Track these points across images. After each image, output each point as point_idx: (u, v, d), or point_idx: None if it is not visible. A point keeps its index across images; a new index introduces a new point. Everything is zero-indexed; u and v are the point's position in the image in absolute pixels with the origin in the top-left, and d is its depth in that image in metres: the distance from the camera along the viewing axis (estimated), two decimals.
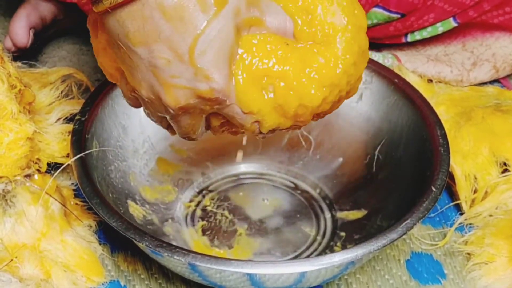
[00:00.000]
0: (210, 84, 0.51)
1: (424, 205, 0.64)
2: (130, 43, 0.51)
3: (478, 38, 0.96)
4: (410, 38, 0.98)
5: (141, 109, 0.59)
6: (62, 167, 0.67)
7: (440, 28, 0.95)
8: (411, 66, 0.95)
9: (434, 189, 0.66)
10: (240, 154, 0.74)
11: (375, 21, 0.95)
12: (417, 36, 0.97)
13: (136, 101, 0.59)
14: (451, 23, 0.94)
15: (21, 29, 0.92)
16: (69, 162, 0.67)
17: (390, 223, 0.64)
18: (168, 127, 0.60)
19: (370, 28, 0.96)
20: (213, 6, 0.50)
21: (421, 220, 0.63)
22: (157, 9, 0.49)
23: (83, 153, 0.67)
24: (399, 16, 0.94)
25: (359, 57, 0.57)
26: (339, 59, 0.55)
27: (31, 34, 0.93)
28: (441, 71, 0.95)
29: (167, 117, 0.56)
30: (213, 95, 0.52)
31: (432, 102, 0.80)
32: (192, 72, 0.51)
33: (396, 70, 0.91)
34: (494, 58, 0.95)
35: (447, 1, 0.91)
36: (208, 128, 0.60)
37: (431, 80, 0.93)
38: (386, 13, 0.93)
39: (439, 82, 0.94)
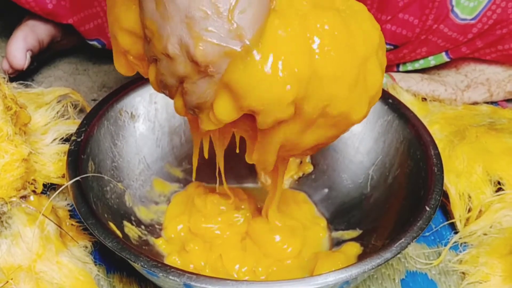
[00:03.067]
0: (242, 42, 0.52)
1: (418, 224, 0.64)
2: None
3: (471, 63, 0.97)
4: (402, 69, 0.99)
5: (136, 131, 0.59)
6: (60, 190, 0.67)
7: (432, 61, 0.96)
8: (405, 84, 0.96)
9: (428, 208, 0.66)
10: None
11: None
12: (409, 67, 0.98)
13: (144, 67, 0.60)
14: (444, 57, 0.95)
15: (18, 51, 0.92)
16: (66, 184, 0.67)
17: (385, 243, 0.65)
18: (176, 97, 0.59)
19: None
20: None
21: (416, 239, 0.63)
22: None
23: (80, 176, 0.67)
24: (391, 47, 0.95)
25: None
26: None
27: (28, 56, 0.93)
28: (435, 89, 0.95)
29: (185, 80, 0.55)
30: (241, 54, 0.52)
31: (426, 121, 0.81)
32: (227, 29, 0.51)
33: (390, 89, 0.91)
34: (488, 83, 0.96)
35: (441, 36, 0.92)
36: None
37: (425, 99, 0.93)
38: None
39: (433, 100, 0.95)
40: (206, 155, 0.70)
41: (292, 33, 0.54)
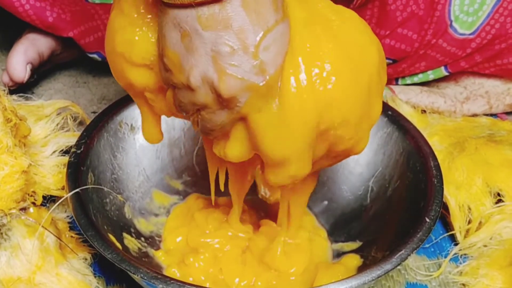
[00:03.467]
0: (264, 77, 0.53)
1: (418, 236, 0.64)
2: (199, 26, 0.52)
3: (470, 77, 0.97)
4: (401, 82, 1.00)
5: (136, 143, 0.59)
6: (59, 201, 0.67)
7: (431, 75, 0.97)
8: (404, 97, 0.96)
9: (428, 220, 0.66)
10: None
11: None
12: (408, 81, 0.99)
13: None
14: (443, 71, 0.96)
15: (18, 64, 0.93)
16: (66, 196, 0.67)
17: (385, 254, 0.64)
18: (193, 119, 0.60)
19: None
20: (281, 10, 0.53)
21: (416, 251, 0.63)
22: None
23: (80, 188, 0.67)
24: (390, 61, 0.96)
25: None
26: None
27: (28, 69, 0.94)
28: (434, 101, 0.96)
29: (204, 109, 0.56)
30: (262, 89, 0.54)
31: (425, 133, 0.81)
32: (252, 64, 0.52)
33: (389, 101, 0.91)
34: (488, 95, 0.96)
35: (439, 51, 0.93)
36: None
37: (424, 111, 0.94)
38: None
39: (433, 112, 0.95)
40: (222, 188, 0.71)
41: (301, 74, 0.55)
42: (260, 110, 0.55)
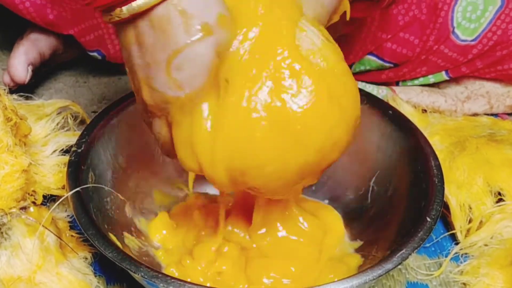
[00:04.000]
0: (179, 93, 0.56)
1: (419, 235, 0.64)
2: (122, 40, 0.57)
3: (471, 78, 0.97)
4: (401, 85, 0.99)
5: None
6: (60, 200, 0.67)
7: (431, 79, 0.97)
8: (405, 96, 0.96)
9: (429, 219, 0.66)
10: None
11: (368, 67, 0.97)
12: (409, 83, 0.99)
13: None
14: (443, 76, 0.96)
15: (20, 65, 0.93)
16: (67, 195, 0.67)
17: (386, 254, 0.64)
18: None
19: (362, 73, 0.98)
20: (199, 31, 0.54)
21: (416, 250, 0.63)
22: (147, 17, 0.54)
23: (80, 187, 0.67)
24: (391, 65, 0.96)
25: None
26: None
27: (30, 70, 0.93)
28: (435, 101, 0.96)
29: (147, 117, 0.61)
30: (178, 103, 0.57)
31: (426, 132, 0.81)
32: (166, 79, 0.55)
33: (390, 101, 0.91)
34: (488, 95, 0.96)
35: (441, 57, 0.93)
36: None
37: (425, 110, 0.94)
38: (380, 62, 0.95)
39: (434, 111, 0.95)
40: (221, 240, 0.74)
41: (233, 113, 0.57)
42: (178, 124, 0.58)
